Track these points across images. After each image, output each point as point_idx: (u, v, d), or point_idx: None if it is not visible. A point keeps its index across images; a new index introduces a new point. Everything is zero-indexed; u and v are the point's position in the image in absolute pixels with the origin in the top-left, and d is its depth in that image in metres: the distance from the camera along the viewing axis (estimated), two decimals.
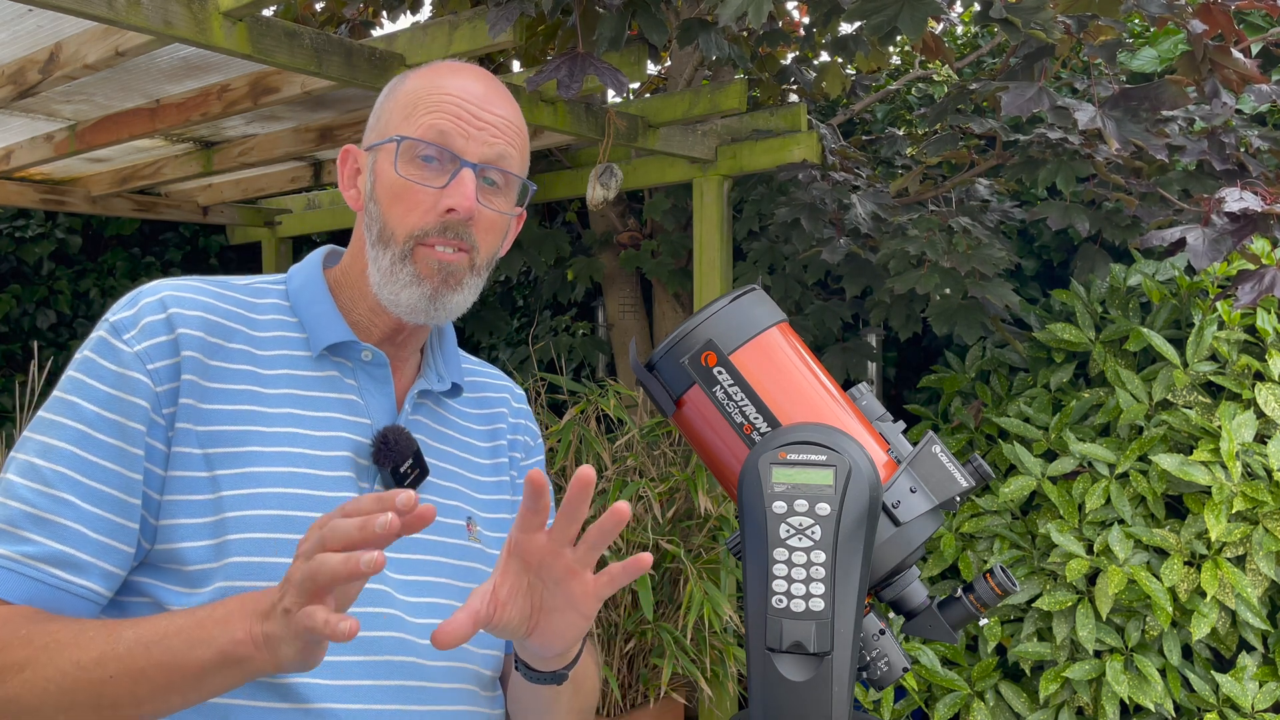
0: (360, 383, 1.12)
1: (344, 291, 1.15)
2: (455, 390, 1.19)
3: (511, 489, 1.23)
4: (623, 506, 0.88)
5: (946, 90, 4.25)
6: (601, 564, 3.21)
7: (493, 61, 4.11)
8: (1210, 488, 3.09)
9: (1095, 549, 3.13)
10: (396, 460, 1.08)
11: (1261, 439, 3.21)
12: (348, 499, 1.01)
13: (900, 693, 3.29)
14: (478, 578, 1.13)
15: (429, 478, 1.12)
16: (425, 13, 3.92)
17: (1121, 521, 3.18)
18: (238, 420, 1.04)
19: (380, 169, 1.10)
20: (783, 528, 0.93)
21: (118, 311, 1.06)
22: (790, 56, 4.14)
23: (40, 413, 1.03)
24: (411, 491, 0.81)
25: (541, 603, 0.95)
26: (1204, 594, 3.00)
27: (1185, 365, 3.35)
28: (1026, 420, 3.54)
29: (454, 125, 1.07)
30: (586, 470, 0.88)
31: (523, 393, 1.33)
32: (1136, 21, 4.16)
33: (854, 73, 4.31)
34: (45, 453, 0.99)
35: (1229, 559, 3.06)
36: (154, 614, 0.99)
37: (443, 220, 1.07)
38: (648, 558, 0.89)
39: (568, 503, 0.89)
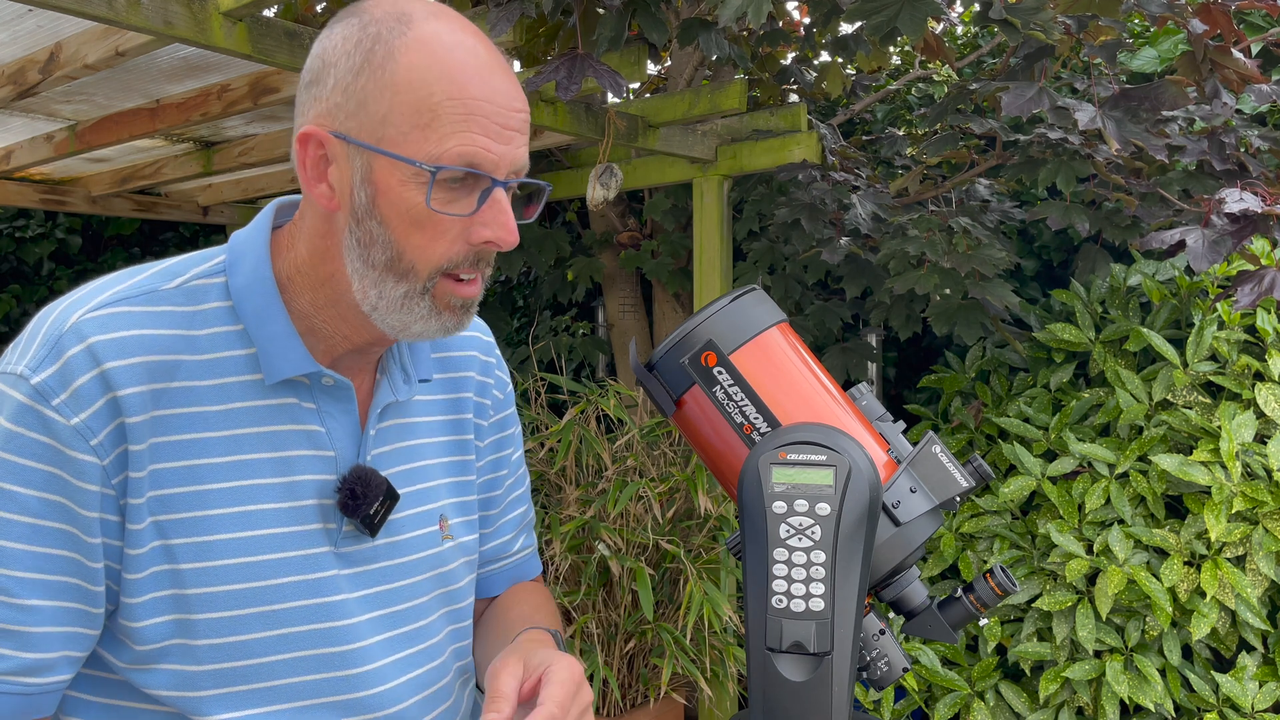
0: (320, 405, 1.00)
1: (303, 294, 0.98)
2: (424, 381, 1.10)
3: (474, 450, 1.17)
4: None
5: (946, 90, 4.25)
6: (603, 566, 3.21)
7: None
8: (1210, 488, 3.09)
9: (1095, 549, 3.13)
10: (365, 509, 1.00)
11: (1261, 439, 3.21)
12: (320, 554, 0.98)
13: (900, 693, 3.29)
14: (455, 576, 1.12)
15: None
16: None
17: (1121, 521, 3.18)
18: (187, 479, 0.93)
19: (385, 184, 0.91)
20: (783, 528, 0.92)
21: (38, 369, 0.89)
22: (790, 56, 4.14)
23: None
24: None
25: None
26: (1204, 594, 3.00)
27: (1185, 365, 3.35)
28: (1026, 420, 3.53)
29: (485, 144, 0.91)
30: None
31: (492, 339, 1.21)
32: (1136, 21, 4.15)
33: (854, 73, 4.31)
34: None
35: (1229, 559, 3.06)
36: (99, 665, 0.96)
37: (476, 251, 0.94)
38: None
39: None
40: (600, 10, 2.78)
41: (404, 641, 1.06)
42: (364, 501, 0.99)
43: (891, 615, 1.04)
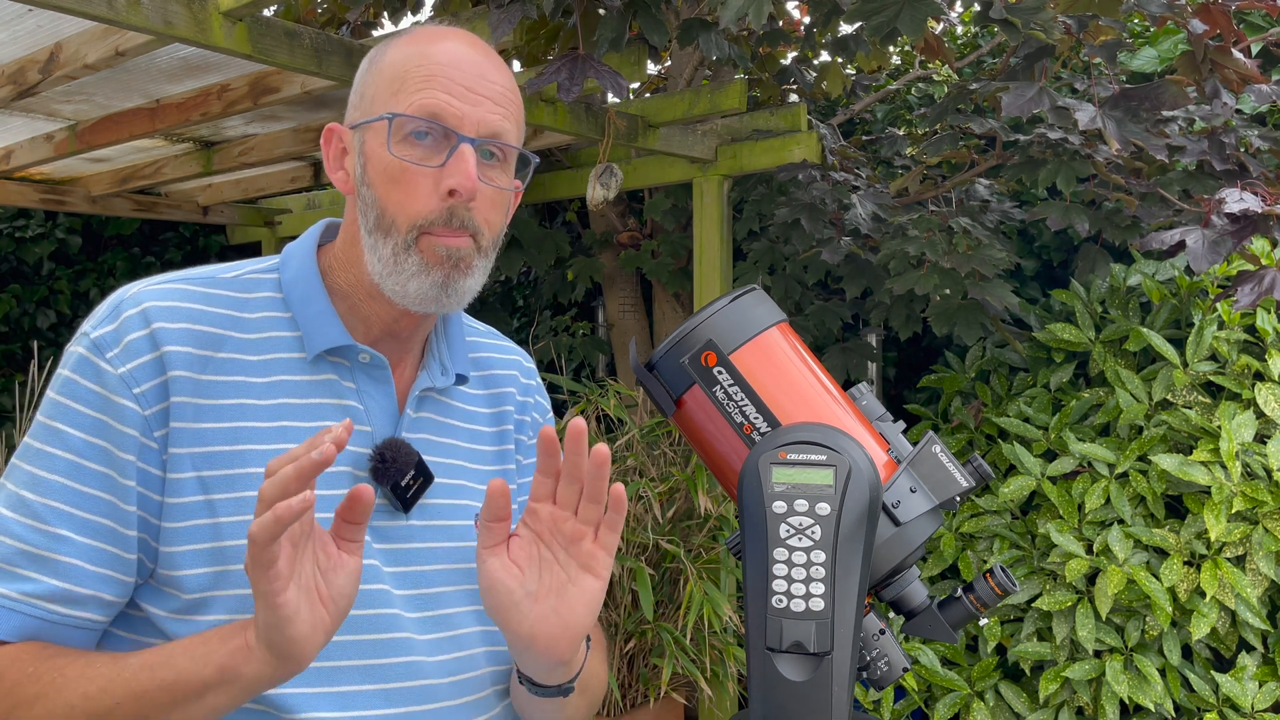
0: (359, 384, 1.06)
1: (341, 275, 1.07)
2: (461, 379, 1.14)
3: (517, 471, 1.20)
4: (601, 449, 0.89)
5: (946, 90, 4.25)
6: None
7: None
8: (1210, 488, 3.09)
9: (1095, 549, 3.13)
10: (396, 477, 1.03)
11: (1261, 439, 3.21)
12: None
13: (900, 693, 3.29)
14: None
15: (435, 480, 1.09)
16: (426, 13, 3.92)
17: (1121, 521, 3.18)
18: (231, 439, 0.99)
19: (370, 149, 1.02)
20: (783, 528, 0.92)
21: (98, 326, 0.99)
22: (790, 56, 4.14)
23: (27, 439, 0.98)
24: (345, 422, 0.82)
25: (553, 582, 0.94)
26: (1204, 594, 3.00)
27: (1185, 365, 3.35)
28: (1026, 420, 3.53)
29: (447, 99, 1.00)
30: (579, 423, 0.89)
31: (533, 365, 1.27)
32: (1136, 21, 4.16)
33: (854, 73, 4.31)
34: (35, 485, 0.95)
35: (1229, 559, 3.06)
36: (149, 630, 0.99)
37: (447, 206, 1.00)
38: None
39: (567, 461, 0.91)
40: (601, 11, 2.78)
41: (433, 625, 1.06)
42: (394, 468, 1.03)
43: (891, 615, 1.04)
